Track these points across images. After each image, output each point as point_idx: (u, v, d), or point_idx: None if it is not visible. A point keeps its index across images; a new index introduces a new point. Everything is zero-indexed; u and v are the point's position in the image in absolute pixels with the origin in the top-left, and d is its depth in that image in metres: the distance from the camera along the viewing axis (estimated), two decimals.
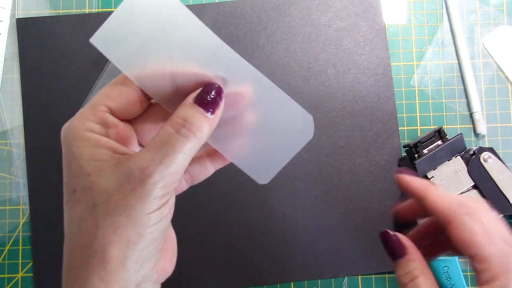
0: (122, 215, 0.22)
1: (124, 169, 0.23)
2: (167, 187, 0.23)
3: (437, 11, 0.53)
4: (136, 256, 0.23)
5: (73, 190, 0.24)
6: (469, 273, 0.49)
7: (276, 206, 0.49)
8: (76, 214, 0.24)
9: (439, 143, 0.45)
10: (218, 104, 0.25)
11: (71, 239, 0.24)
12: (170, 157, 0.23)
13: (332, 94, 0.51)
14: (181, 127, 0.23)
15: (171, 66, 0.25)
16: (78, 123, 0.24)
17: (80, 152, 0.24)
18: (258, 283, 0.49)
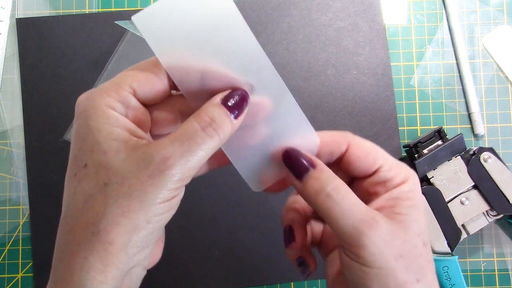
0: (135, 199, 0.22)
1: (144, 155, 0.23)
2: (182, 181, 0.23)
3: (437, 11, 0.53)
4: (139, 241, 0.23)
5: (84, 164, 0.23)
6: (469, 273, 0.49)
7: (276, 206, 0.49)
8: (83, 190, 0.23)
9: (439, 143, 0.45)
10: (243, 110, 0.25)
11: (73, 215, 0.23)
12: (192, 153, 0.23)
13: (332, 94, 0.51)
14: (207, 125, 0.23)
15: (204, 63, 0.25)
16: (99, 98, 0.24)
17: (98, 127, 0.23)
18: (258, 283, 0.49)
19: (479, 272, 0.49)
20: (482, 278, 0.49)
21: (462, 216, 0.43)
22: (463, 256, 0.49)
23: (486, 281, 0.49)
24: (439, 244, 0.42)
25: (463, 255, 0.49)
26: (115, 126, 0.23)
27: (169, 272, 0.48)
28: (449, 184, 0.43)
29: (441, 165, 0.44)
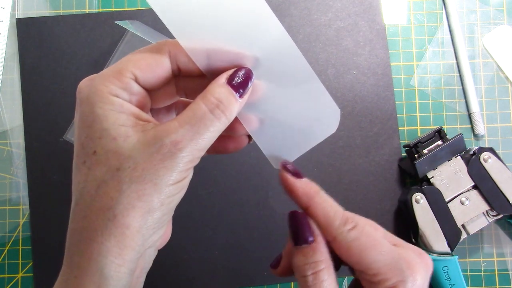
0: (148, 183, 0.23)
1: (155, 139, 0.23)
2: (192, 162, 0.24)
3: (437, 11, 0.53)
4: (154, 223, 0.23)
5: (94, 151, 0.23)
6: (469, 273, 0.49)
7: (276, 206, 0.49)
8: (95, 176, 0.23)
9: (439, 143, 0.45)
10: (248, 88, 0.25)
11: (86, 202, 0.23)
12: (201, 135, 0.23)
13: (332, 94, 0.51)
14: (215, 107, 0.24)
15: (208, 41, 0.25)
16: (102, 85, 0.24)
17: (104, 114, 0.23)
18: (258, 283, 0.49)
19: (479, 272, 0.49)
20: (482, 278, 0.49)
21: (462, 216, 0.43)
22: (463, 256, 0.49)
23: (486, 281, 0.49)
24: (439, 244, 0.42)
25: (463, 255, 0.49)
26: (120, 112, 0.24)
27: (169, 272, 0.48)
28: (449, 184, 0.43)
29: (441, 165, 0.44)
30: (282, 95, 0.27)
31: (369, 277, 0.26)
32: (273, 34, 0.25)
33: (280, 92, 0.27)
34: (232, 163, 0.50)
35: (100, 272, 0.22)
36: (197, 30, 0.25)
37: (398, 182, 0.49)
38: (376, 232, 0.27)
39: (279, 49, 0.26)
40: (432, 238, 0.42)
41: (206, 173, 0.50)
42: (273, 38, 0.25)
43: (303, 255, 0.26)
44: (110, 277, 0.22)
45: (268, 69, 0.26)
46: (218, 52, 0.25)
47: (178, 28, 0.24)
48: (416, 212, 0.42)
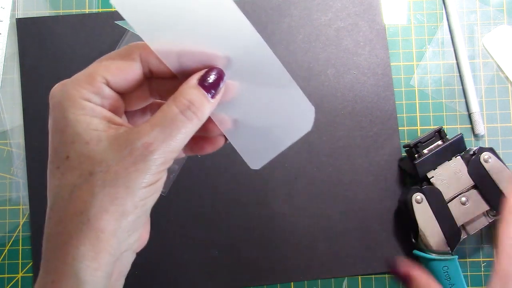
0: (121, 186, 0.23)
1: (126, 142, 0.23)
2: (165, 164, 0.24)
3: (437, 11, 0.53)
4: (128, 226, 0.23)
5: (66, 156, 0.24)
6: (469, 273, 0.49)
7: (276, 206, 0.49)
8: (68, 181, 0.23)
9: (439, 143, 0.45)
10: (220, 88, 0.25)
11: (60, 206, 0.23)
12: (173, 137, 0.24)
13: (332, 94, 0.51)
14: (186, 109, 0.24)
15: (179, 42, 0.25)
16: (73, 90, 0.24)
17: (76, 119, 0.24)
18: (258, 283, 0.49)
19: (479, 272, 0.49)
20: (482, 278, 0.49)
21: (462, 216, 0.43)
22: (463, 256, 0.49)
23: (486, 281, 0.49)
24: (439, 244, 0.42)
25: (463, 255, 0.49)
26: (93, 117, 0.24)
27: (169, 272, 0.48)
28: (449, 184, 0.43)
29: (441, 165, 0.44)
30: (256, 94, 0.27)
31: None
32: (244, 34, 0.25)
33: (253, 92, 0.26)
34: (232, 163, 0.50)
35: (76, 276, 0.22)
36: (166, 32, 0.24)
37: (398, 182, 0.49)
38: None
39: (251, 48, 0.25)
40: (432, 238, 0.42)
41: (206, 173, 0.50)
42: (245, 38, 0.25)
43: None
44: (86, 282, 0.22)
45: (241, 69, 0.26)
46: (189, 53, 0.25)
47: (147, 30, 0.24)
48: (416, 212, 0.42)
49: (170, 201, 0.49)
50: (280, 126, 0.28)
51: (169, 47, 0.25)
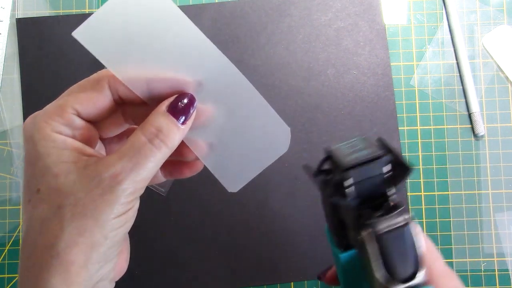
0: (89, 218, 0.23)
1: (94, 174, 0.23)
2: (135, 193, 0.24)
3: (437, 11, 0.53)
4: (99, 257, 0.23)
5: (37, 189, 0.24)
6: (469, 273, 0.49)
7: (276, 207, 0.49)
8: (39, 214, 0.23)
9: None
10: (190, 114, 0.25)
11: (32, 239, 0.24)
12: (141, 166, 0.23)
13: (332, 94, 0.51)
14: (154, 137, 0.24)
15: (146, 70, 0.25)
16: (44, 123, 0.24)
17: (47, 152, 0.24)
18: (258, 283, 0.49)
19: (479, 272, 0.49)
20: (482, 278, 0.49)
21: None
22: (463, 256, 0.49)
23: (486, 281, 0.49)
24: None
25: (463, 255, 0.49)
26: (63, 149, 0.24)
27: (169, 272, 0.48)
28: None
29: None
30: (230, 117, 0.26)
31: None
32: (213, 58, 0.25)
33: (227, 115, 0.26)
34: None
35: None
36: (132, 61, 0.24)
37: None
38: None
39: (220, 72, 0.25)
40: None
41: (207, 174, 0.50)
42: (213, 62, 0.25)
43: None
44: None
45: (213, 92, 0.26)
46: (158, 80, 0.25)
47: (111, 60, 0.24)
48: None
49: (170, 201, 0.49)
50: (256, 148, 0.27)
51: (137, 75, 0.25)
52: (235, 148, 0.27)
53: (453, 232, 0.50)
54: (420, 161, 0.51)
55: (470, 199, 0.50)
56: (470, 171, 0.50)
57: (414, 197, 0.50)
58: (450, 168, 0.50)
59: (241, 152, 0.27)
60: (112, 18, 0.24)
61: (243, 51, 0.51)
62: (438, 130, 0.51)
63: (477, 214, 0.50)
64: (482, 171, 0.50)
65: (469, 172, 0.50)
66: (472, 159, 0.51)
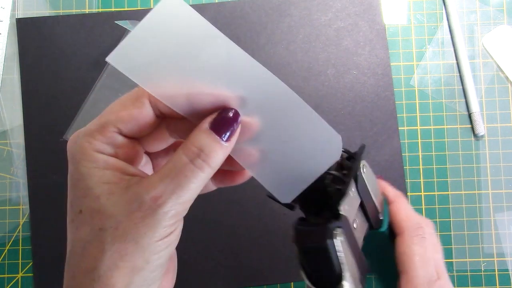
0: (130, 242, 0.22)
1: (135, 196, 0.23)
2: (177, 216, 0.23)
3: (437, 11, 0.53)
4: (141, 281, 0.23)
5: (79, 210, 0.23)
6: (469, 273, 0.49)
7: (276, 206, 0.49)
8: (81, 236, 0.23)
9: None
10: (234, 130, 0.24)
11: (74, 261, 0.23)
12: (183, 188, 0.23)
13: (332, 94, 0.51)
14: (196, 157, 0.23)
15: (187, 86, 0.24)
16: (86, 142, 0.24)
17: (88, 173, 0.23)
18: (258, 283, 0.49)
19: (479, 272, 0.49)
20: (482, 278, 0.49)
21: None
22: (463, 256, 0.49)
23: (486, 281, 0.49)
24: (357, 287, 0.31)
25: (463, 255, 0.49)
26: (105, 169, 0.23)
27: None
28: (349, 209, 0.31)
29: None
30: (277, 129, 0.26)
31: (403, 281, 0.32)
32: (255, 72, 0.24)
33: (274, 127, 0.26)
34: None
35: None
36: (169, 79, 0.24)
37: (398, 182, 0.49)
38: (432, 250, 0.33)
39: (264, 86, 0.25)
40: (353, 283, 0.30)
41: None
42: (255, 76, 0.24)
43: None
44: None
45: (257, 106, 0.25)
46: (198, 95, 0.24)
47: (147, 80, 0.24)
48: (340, 257, 0.29)
49: None
50: (307, 157, 0.27)
51: (174, 92, 0.24)
52: (284, 159, 0.27)
53: (453, 232, 0.50)
54: (420, 161, 0.51)
55: (470, 199, 0.50)
56: (470, 171, 0.50)
57: (414, 197, 0.50)
58: (450, 168, 0.50)
59: (291, 163, 0.27)
60: (144, 40, 0.23)
61: None
62: (438, 130, 0.51)
63: (477, 214, 0.50)
64: (482, 171, 0.50)
65: (469, 172, 0.50)
66: (472, 159, 0.51)
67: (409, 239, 0.32)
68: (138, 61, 0.23)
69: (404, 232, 0.33)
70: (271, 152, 0.26)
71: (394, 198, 0.35)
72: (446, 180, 0.50)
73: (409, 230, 0.33)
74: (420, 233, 0.32)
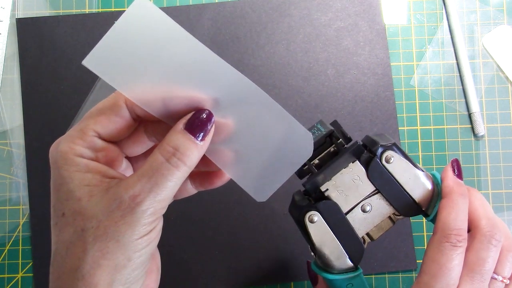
0: (111, 240, 0.23)
1: (115, 196, 0.23)
2: (156, 214, 0.24)
3: (437, 11, 0.53)
4: (124, 279, 0.23)
5: (62, 213, 0.24)
6: None
7: (276, 206, 0.49)
8: (64, 238, 0.24)
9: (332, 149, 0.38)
10: (208, 130, 0.25)
11: (59, 263, 0.24)
12: (160, 186, 0.23)
13: (332, 94, 0.51)
14: (171, 156, 0.24)
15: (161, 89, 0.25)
16: (67, 147, 0.25)
17: (69, 176, 0.24)
18: (258, 283, 0.49)
19: None
20: None
21: (365, 225, 0.37)
22: None
23: None
24: (341, 262, 0.36)
25: None
26: (86, 172, 0.24)
27: (169, 272, 0.48)
28: (348, 194, 0.36)
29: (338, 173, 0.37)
30: (250, 129, 0.27)
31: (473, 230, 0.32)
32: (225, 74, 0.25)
33: (247, 127, 0.27)
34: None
35: None
36: (143, 81, 0.25)
37: None
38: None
39: (236, 87, 0.25)
40: (333, 257, 0.36)
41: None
42: (227, 78, 0.25)
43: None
44: None
45: (230, 107, 0.26)
46: (173, 98, 0.25)
47: (122, 83, 0.24)
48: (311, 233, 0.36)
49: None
50: (280, 156, 0.28)
51: (150, 96, 0.25)
52: (258, 158, 0.27)
53: None
54: (420, 161, 0.51)
55: None
56: (470, 171, 0.50)
57: None
58: None
59: (265, 161, 0.28)
60: (118, 43, 0.24)
61: (243, 51, 0.51)
62: (438, 130, 0.51)
63: None
64: (482, 171, 0.50)
65: (469, 172, 0.50)
66: (472, 159, 0.51)
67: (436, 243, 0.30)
68: (113, 64, 0.24)
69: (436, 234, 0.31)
70: (245, 151, 0.27)
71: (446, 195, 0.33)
72: None
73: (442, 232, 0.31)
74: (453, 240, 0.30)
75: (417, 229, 0.50)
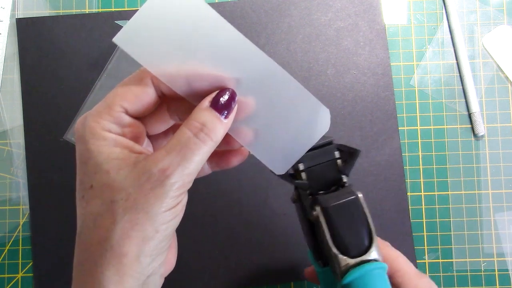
0: (140, 212, 0.24)
1: (144, 169, 0.24)
2: (183, 187, 0.25)
3: (437, 11, 0.53)
4: (150, 250, 0.24)
5: (90, 186, 0.25)
6: (469, 273, 0.49)
7: (276, 206, 0.49)
8: (92, 210, 0.24)
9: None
10: (232, 108, 0.26)
11: (86, 235, 0.25)
12: (188, 160, 0.24)
13: (332, 94, 0.51)
14: (199, 131, 0.25)
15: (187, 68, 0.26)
16: (94, 122, 0.25)
17: (98, 150, 0.25)
18: (258, 283, 0.49)
19: (479, 272, 0.49)
20: (482, 278, 0.49)
21: None
22: (463, 256, 0.49)
23: (486, 281, 0.49)
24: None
25: (463, 255, 0.49)
26: (113, 146, 0.25)
27: None
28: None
29: None
30: (271, 106, 0.28)
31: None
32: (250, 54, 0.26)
33: (268, 104, 0.28)
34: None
35: None
36: (170, 60, 0.25)
37: (399, 182, 0.49)
38: None
39: (258, 66, 0.27)
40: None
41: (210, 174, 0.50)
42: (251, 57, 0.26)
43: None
44: None
45: (252, 85, 0.27)
46: (197, 77, 0.26)
47: (150, 61, 0.25)
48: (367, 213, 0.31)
49: None
50: (299, 130, 0.29)
51: (176, 74, 0.26)
52: (278, 133, 0.28)
53: (453, 232, 0.50)
54: (420, 161, 0.51)
55: (470, 199, 0.50)
56: (470, 171, 0.50)
57: (414, 197, 0.50)
58: (450, 168, 0.50)
59: (284, 136, 0.29)
60: (149, 21, 0.25)
61: None
62: (438, 130, 0.51)
63: (477, 214, 0.50)
64: (482, 171, 0.50)
65: (469, 172, 0.50)
66: (472, 159, 0.51)
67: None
68: (142, 42, 0.25)
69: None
70: (265, 128, 0.28)
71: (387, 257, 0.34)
72: (446, 180, 0.50)
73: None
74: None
75: (417, 229, 0.50)
